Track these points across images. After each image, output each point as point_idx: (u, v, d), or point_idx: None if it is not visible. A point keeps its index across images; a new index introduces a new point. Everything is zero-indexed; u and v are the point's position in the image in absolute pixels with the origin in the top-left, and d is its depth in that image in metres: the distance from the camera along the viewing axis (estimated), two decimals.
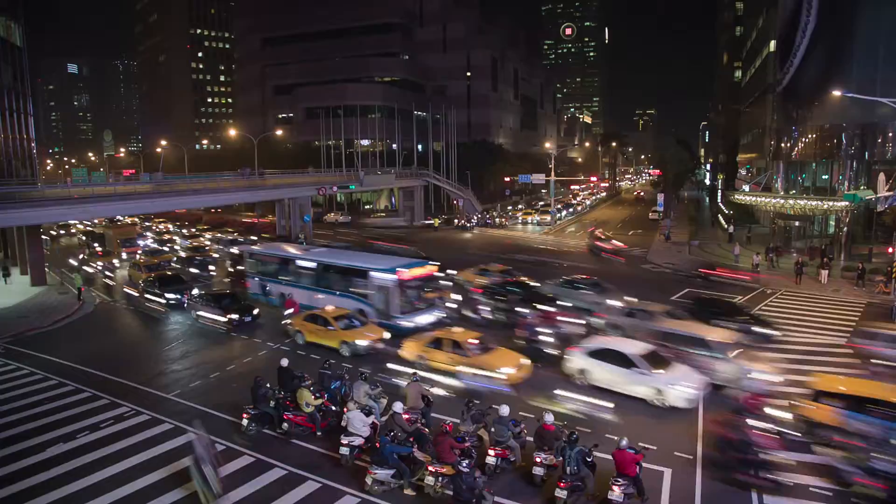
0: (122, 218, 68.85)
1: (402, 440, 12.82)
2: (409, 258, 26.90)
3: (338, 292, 25.61)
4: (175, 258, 39.79)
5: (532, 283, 28.21)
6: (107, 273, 35.74)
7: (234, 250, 38.29)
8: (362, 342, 21.24)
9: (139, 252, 43.21)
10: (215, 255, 41.06)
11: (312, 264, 27.31)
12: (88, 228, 60.20)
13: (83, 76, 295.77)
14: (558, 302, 25.13)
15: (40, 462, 14.15)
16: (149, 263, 35.77)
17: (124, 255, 42.19)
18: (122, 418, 16.65)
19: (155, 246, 46.89)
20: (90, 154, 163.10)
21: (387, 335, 21.85)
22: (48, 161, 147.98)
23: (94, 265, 38.65)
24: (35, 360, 21.92)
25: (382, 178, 69.22)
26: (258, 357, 21.81)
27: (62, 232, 61.14)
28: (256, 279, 29.82)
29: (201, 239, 51.29)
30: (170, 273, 32.64)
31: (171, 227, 63.94)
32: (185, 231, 59.34)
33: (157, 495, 12.71)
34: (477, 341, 19.22)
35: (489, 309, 25.31)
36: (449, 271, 31.85)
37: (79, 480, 13.29)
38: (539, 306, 23.75)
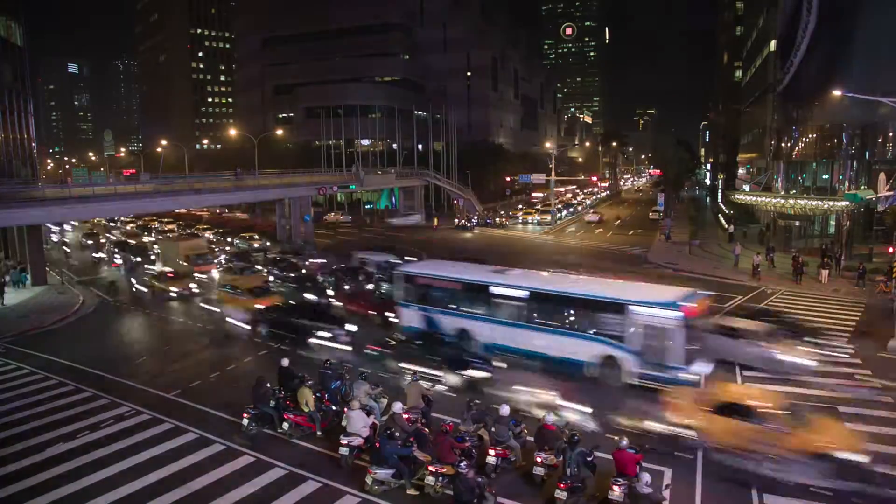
0: (180, 226, 60.25)
1: (404, 440, 12.80)
2: (684, 289, 19.88)
3: (565, 331, 19.65)
4: (273, 279, 32.32)
5: None
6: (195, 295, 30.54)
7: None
8: None
9: (214, 270, 35.94)
10: (320, 278, 32.27)
11: (521, 293, 20.75)
12: (122, 239, 51.94)
13: (83, 76, 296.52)
14: None
15: (40, 462, 14.14)
16: (253, 286, 28.04)
17: (197, 276, 33.96)
18: (122, 418, 16.65)
19: (234, 262, 38.02)
20: (90, 154, 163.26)
21: None
22: (48, 161, 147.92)
23: (167, 290, 31.42)
24: (35, 360, 21.91)
25: (383, 177, 69.24)
26: (258, 357, 21.79)
27: (89, 242, 51.23)
28: (415, 309, 23.06)
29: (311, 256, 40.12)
30: (313, 302, 26.47)
31: (211, 235, 53.74)
32: (256, 242, 47.62)
33: (158, 495, 12.70)
34: None
35: None
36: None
37: (79, 480, 13.29)
38: None
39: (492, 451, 13.08)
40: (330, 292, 29.21)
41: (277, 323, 23.13)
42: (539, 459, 12.80)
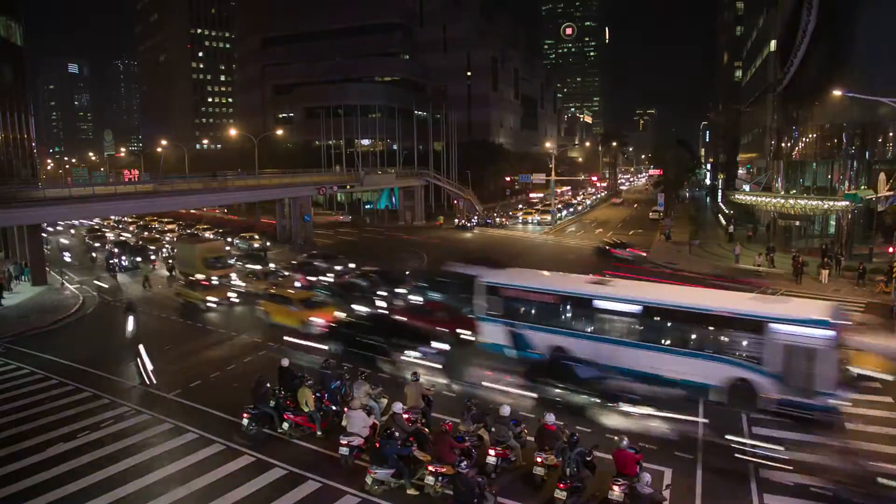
0: (181, 226, 59.56)
1: (404, 440, 12.79)
2: (828, 303, 18.09)
3: (687, 350, 17.50)
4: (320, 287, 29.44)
5: None
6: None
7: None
8: None
9: (231, 274, 34.37)
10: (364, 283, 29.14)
11: (633, 307, 18.53)
12: (122, 238, 51.47)
13: (83, 76, 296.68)
14: None
15: (40, 462, 14.14)
16: (305, 297, 25.97)
17: (215, 280, 32.32)
18: (122, 418, 16.65)
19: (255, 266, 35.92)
20: (90, 154, 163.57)
21: None
22: (48, 161, 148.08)
23: (204, 300, 28.87)
24: (35, 360, 21.91)
25: (383, 177, 69.24)
26: (258, 357, 21.78)
27: (97, 245, 48.64)
28: (499, 324, 20.96)
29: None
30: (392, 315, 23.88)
31: (210, 235, 52.67)
32: (256, 242, 46.34)
33: (158, 495, 12.70)
34: None
35: None
36: None
37: (79, 480, 13.29)
38: None
39: (492, 451, 13.08)
40: (380, 303, 26.41)
41: (354, 340, 20.72)
42: (539, 459, 12.80)
